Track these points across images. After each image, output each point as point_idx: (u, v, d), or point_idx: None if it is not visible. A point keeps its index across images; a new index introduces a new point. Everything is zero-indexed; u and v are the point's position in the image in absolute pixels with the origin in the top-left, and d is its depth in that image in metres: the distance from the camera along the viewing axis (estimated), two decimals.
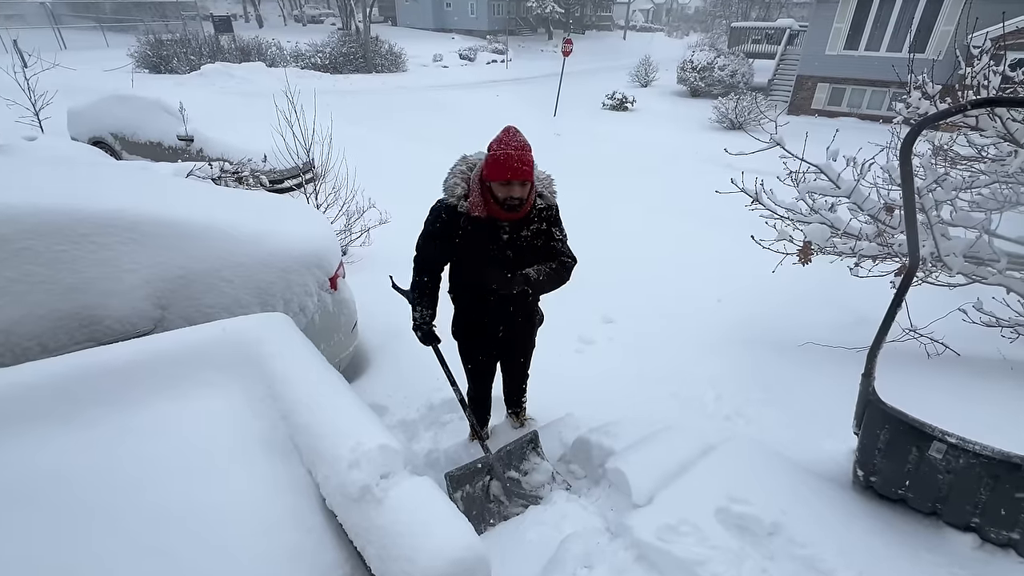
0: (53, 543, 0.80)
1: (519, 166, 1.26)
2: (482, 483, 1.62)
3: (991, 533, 1.31)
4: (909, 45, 7.47)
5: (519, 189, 1.30)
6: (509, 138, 1.28)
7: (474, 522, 1.47)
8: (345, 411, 1.05)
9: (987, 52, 2.41)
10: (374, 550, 0.84)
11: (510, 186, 1.29)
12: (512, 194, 1.31)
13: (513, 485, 1.65)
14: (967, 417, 1.51)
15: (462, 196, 1.38)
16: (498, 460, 1.64)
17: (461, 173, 1.41)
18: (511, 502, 1.62)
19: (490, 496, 1.62)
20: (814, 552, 1.28)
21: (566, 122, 9.27)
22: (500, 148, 1.28)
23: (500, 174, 1.27)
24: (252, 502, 0.93)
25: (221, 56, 13.08)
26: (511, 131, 1.30)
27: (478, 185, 1.36)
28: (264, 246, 1.71)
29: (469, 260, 1.44)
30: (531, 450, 1.75)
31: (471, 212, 1.36)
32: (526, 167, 1.27)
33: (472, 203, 1.36)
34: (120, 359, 1.12)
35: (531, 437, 1.75)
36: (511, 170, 1.26)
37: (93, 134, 4.97)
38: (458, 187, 1.38)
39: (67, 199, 1.38)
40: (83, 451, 0.96)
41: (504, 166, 1.26)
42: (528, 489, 1.66)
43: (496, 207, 1.34)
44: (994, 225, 2.34)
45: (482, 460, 1.62)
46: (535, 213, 1.42)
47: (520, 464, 1.70)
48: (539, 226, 1.44)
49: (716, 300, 3.16)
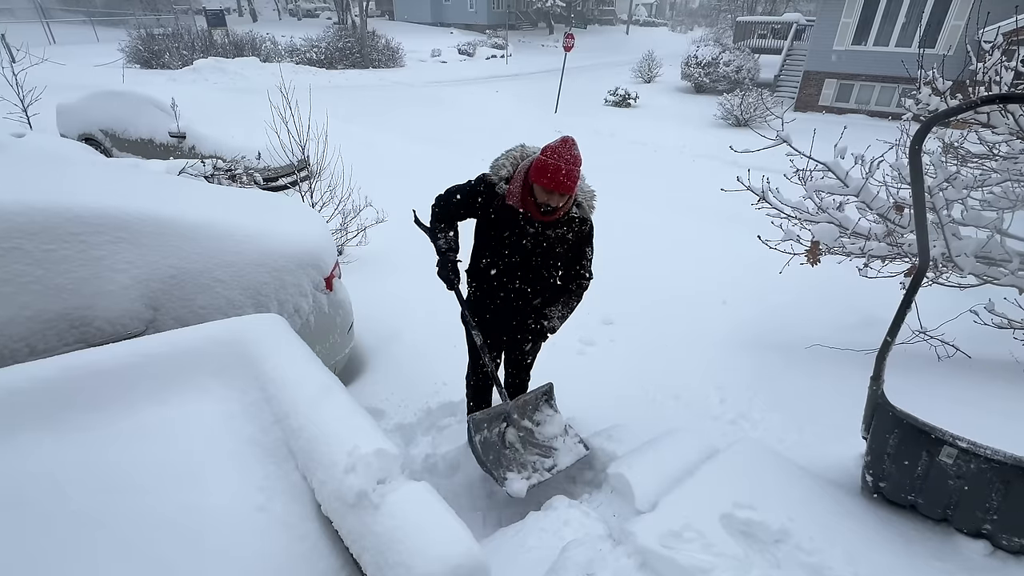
0: (43, 549, 0.79)
1: (564, 180, 1.30)
2: (498, 429, 1.68)
3: (1003, 540, 1.29)
4: (919, 40, 7.39)
5: (558, 199, 1.35)
6: (564, 149, 1.30)
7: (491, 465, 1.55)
8: (341, 415, 1.03)
9: (999, 47, 2.35)
10: (371, 557, 0.82)
11: (550, 194, 1.34)
12: (550, 202, 1.36)
13: (527, 435, 1.71)
14: (978, 421, 1.48)
15: (504, 179, 1.43)
16: (515, 408, 1.70)
17: (512, 158, 1.45)
18: (525, 450, 1.67)
19: (506, 443, 1.67)
20: (821, 560, 1.26)
21: (567, 118, 9.21)
22: (552, 157, 1.30)
23: (545, 181, 1.31)
24: (246, 508, 0.91)
25: (214, 51, 12.97)
26: (568, 143, 1.32)
27: (522, 177, 1.40)
28: (258, 245, 1.69)
29: (494, 240, 1.49)
30: (545, 402, 1.80)
31: (507, 199, 1.41)
32: (570, 182, 1.31)
33: (511, 191, 1.41)
34: (111, 361, 1.10)
35: (546, 389, 1.80)
36: (556, 182, 1.30)
37: (83, 131, 4.90)
38: (503, 168, 1.44)
39: (56, 197, 1.36)
40: (73, 455, 0.94)
41: (551, 175, 1.30)
42: (541, 439, 1.72)
43: (532, 204, 1.39)
44: (1006, 224, 2.30)
45: (501, 406, 1.68)
46: (567, 219, 1.46)
47: (534, 415, 1.76)
48: (567, 233, 1.48)
49: (721, 302, 3.12)
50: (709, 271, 3.54)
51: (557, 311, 1.55)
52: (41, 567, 0.77)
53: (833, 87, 10.21)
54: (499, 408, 1.67)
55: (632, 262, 3.60)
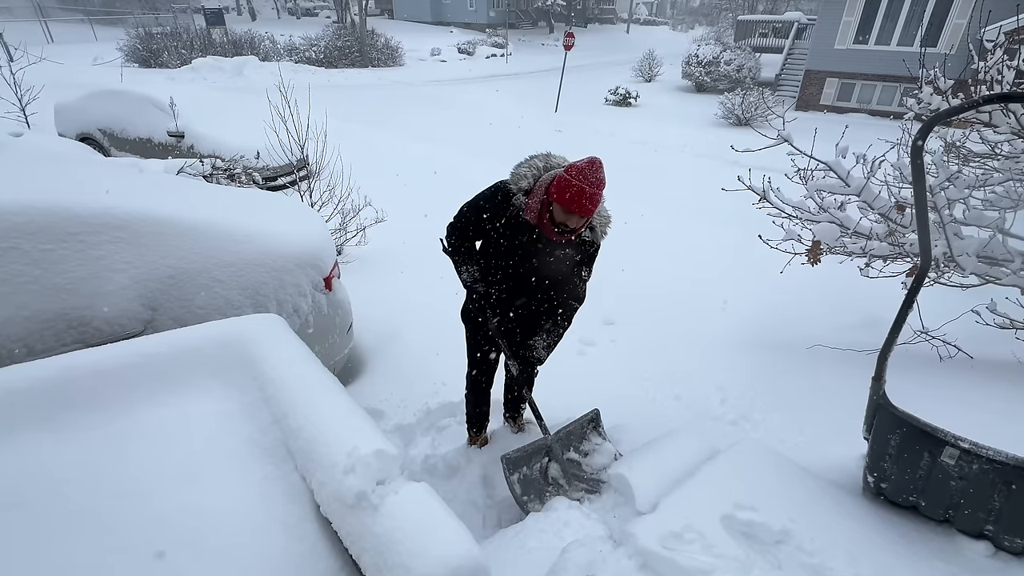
0: (42, 549, 0.78)
1: (586, 203, 1.26)
2: (540, 465, 1.57)
3: (1005, 541, 1.29)
4: (921, 39, 7.37)
5: (576, 220, 1.31)
6: (590, 172, 1.26)
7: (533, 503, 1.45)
8: (340, 415, 1.02)
9: (1001, 46, 2.34)
10: (370, 558, 0.81)
11: (569, 215, 1.30)
12: (568, 223, 1.32)
13: (573, 467, 1.58)
14: (980, 422, 1.47)
15: (523, 191, 1.38)
16: (556, 441, 1.58)
17: (535, 168, 1.40)
18: (571, 486, 1.55)
19: (548, 479, 1.56)
20: (823, 561, 1.26)
21: (567, 118, 9.18)
22: (578, 178, 1.25)
23: (566, 203, 1.27)
24: (244, 508, 0.91)
25: (213, 50, 12.96)
26: (596, 165, 1.27)
27: (542, 192, 1.35)
28: (257, 245, 1.68)
29: (501, 251, 1.46)
30: (592, 430, 1.67)
31: (523, 213, 1.37)
32: (592, 206, 1.27)
33: (529, 206, 1.37)
34: (109, 362, 1.10)
35: (592, 416, 1.69)
36: (577, 205, 1.26)
37: (81, 130, 4.89)
38: (524, 180, 1.39)
39: (54, 197, 1.35)
40: (72, 456, 0.94)
41: (572, 198, 1.26)
42: (589, 472, 1.60)
43: (548, 223, 1.35)
44: (1008, 224, 2.29)
45: (540, 441, 1.56)
46: (577, 241, 1.43)
47: (580, 445, 1.64)
48: (574, 255, 1.46)
49: (722, 302, 3.11)
50: (709, 271, 3.53)
51: (542, 341, 1.52)
52: (40, 567, 0.76)
53: (835, 86, 10.18)
54: (537, 443, 1.55)
55: (632, 262, 3.58)
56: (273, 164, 4.26)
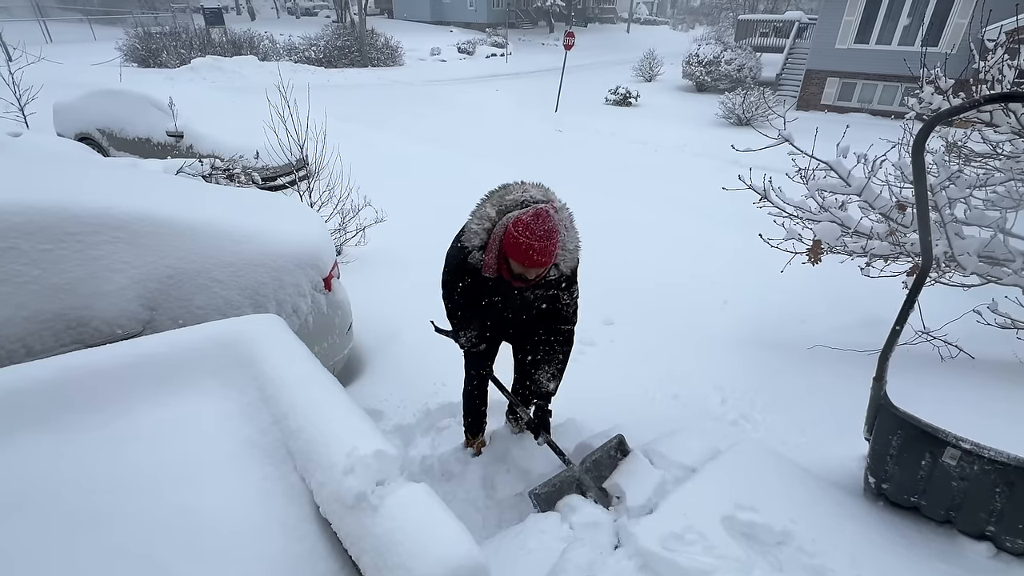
0: (41, 550, 0.78)
1: (537, 258, 1.23)
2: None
3: (1007, 542, 1.28)
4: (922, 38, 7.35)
5: (534, 272, 1.30)
6: (536, 226, 1.22)
7: None
8: (340, 416, 1.02)
9: (1002, 46, 2.34)
10: (370, 559, 0.81)
11: (526, 269, 1.28)
12: (526, 275, 1.31)
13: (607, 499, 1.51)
14: (982, 422, 1.46)
15: (478, 247, 1.36)
16: (584, 472, 1.52)
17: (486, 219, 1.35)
18: None
19: None
20: (824, 562, 1.25)
21: (568, 117, 9.18)
22: (524, 235, 1.22)
23: (518, 260, 1.26)
24: (243, 509, 0.90)
25: (212, 50, 12.96)
26: (541, 217, 1.23)
27: (497, 245, 1.32)
28: (256, 245, 1.68)
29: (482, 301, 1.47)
30: (620, 456, 1.62)
31: (483, 271, 1.36)
32: (545, 258, 1.25)
33: (487, 263, 1.35)
34: (108, 362, 1.09)
35: (618, 441, 1.62)
36: (529, 260, 1.25)
37: (80, 130, 4.88)
38: (476, 237, 1.36)
39: (53, 197, 1.35)
40: (71, 456, 0.94)
41: (522, 255, 1.24)
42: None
43: (508, 275, 1.34)
44: (1009, 224, 2.28)
45: (566, 472, 1.51)
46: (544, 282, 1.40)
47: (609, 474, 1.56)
48: (547, 291, 1.45)
49: (723, 301, 3.11)
50: (710, 270, 3.52)
51: (546, 374, 1.51)
52: (40, 568, 0.76)
53: (835, 86, 10.16)
54: (565, 475, 1.50)
55: (633, 262, 3.58)
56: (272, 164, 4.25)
